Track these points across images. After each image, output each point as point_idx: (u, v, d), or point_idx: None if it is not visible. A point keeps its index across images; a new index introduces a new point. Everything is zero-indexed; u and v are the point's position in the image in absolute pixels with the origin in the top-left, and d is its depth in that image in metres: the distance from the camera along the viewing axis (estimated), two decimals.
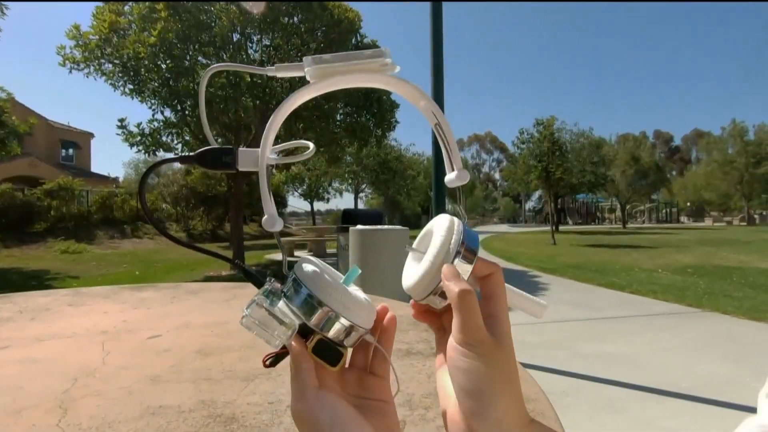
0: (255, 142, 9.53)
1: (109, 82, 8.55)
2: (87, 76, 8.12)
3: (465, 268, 0.28)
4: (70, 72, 8.05)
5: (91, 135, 27.02)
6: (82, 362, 0.74)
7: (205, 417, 0.54)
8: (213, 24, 8.19)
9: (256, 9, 7.82)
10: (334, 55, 0.32)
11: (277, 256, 12.08)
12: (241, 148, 0.35)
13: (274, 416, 0.54)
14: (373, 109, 9.64)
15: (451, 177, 0.34)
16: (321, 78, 0.32)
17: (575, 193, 29.84)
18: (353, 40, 9.36)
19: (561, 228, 27.89)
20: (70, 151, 25.28)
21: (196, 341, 0.85)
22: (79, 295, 1.31)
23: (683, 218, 44.09)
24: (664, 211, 43.38)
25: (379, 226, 4.96)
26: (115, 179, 27.56)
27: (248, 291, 1.42)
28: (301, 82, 9.82)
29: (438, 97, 4.55)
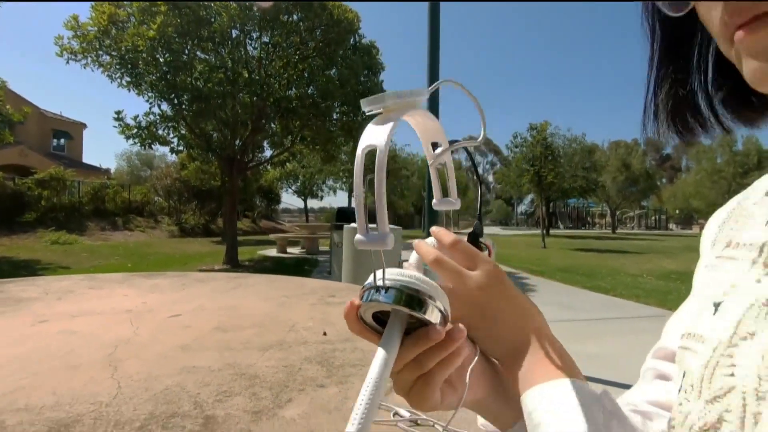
0: (251, 139, 9.58)
1: (106, 73, 8.55)
2: (84, 68, 8.13)
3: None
4: (68, 63, 8.04)
5: (84, 125, 26.75)
6: (116, 334, 0.84)
7: (232, 374, 0.65)
8: (213, 20, 8.24)
9: (263, 5, 7.88)
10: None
11: (269, 251, 12.14)
12: None
13: (289, 376, 0.65)
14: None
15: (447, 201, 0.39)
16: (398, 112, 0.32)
17: (567, 198, 30.19)
18: (352, 39, 9.46)
19: (552, 232, 28.21)
20: (62, 141, 25.01)
21: (212, 320, 0.96)
22: (95, 280, 1.41)
23: (672, 225, 44.81)
24: (653, 217, 44.03)
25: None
26: (107, 171, 27.28)
27: (250, 281, 1.52)
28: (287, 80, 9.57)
29: (434, 97, 4.65)
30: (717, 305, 0.31)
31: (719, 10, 0.26)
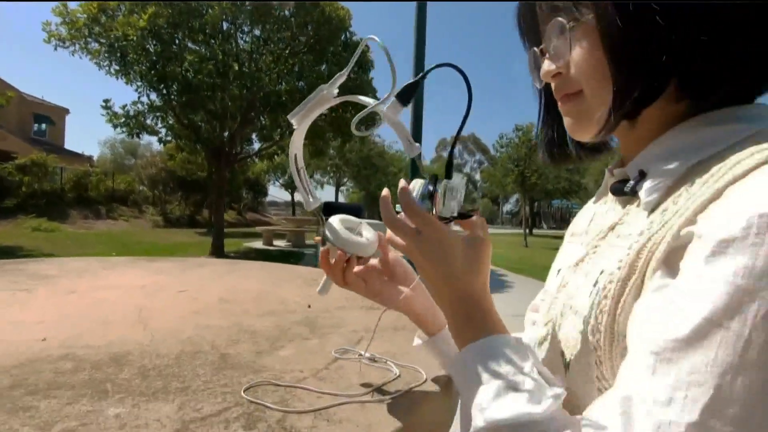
0: (239, 131, 9.63)
1: (95, 61, 8.50)
2: (72, 54, 8.09)
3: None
4: (56, 49, 8.01)
5: (66, 111, 26.19)
6: (137, 303, 1.03)
7: (237, 330, 0.85)
8: (204, 12, 8.27)
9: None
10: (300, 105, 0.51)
11: (255, 244, 12.22)
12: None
13: (282, 332, 0.85)
14: (359, 106, 9.90)
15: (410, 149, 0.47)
16: (302, 120, 0.52)
17: (550, 198, 30.80)
18: (342, 37, 9.57)
19: (535, 232, 28.77)
20: (43, 126, 24.43)
21: (215, 294, 1.15)
22: (105, 262, 1.58)
23: None
24: None
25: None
26: (90, 158, 26.76)
27: (244, 266, 1.71)
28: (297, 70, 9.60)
29: (419, 95, 4.77)
30: (558, 271, 0.53)
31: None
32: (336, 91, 0.51)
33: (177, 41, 8.55)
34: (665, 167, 0.38)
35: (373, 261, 0.58)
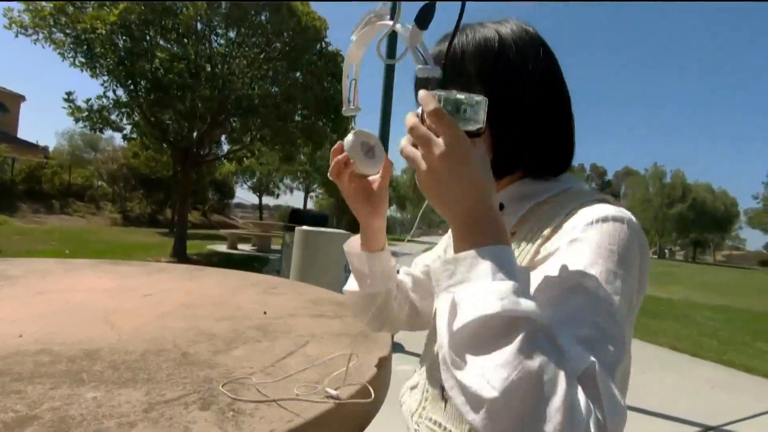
0: (209, 133, 9.50)
1: (58, 51, 8.23)
2: (35, 43, 7.81)
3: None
4: (17, 36, 7.70)
5: (22, 98, 24.82)
6: (104, 305, 1.12)
7: (197, 333, 0.96)
8: (178, 11, 8.20)
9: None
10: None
11: (219, 247, 12.00)
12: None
13: (237, 335, 0.97)
14: (331, 114, 10.00)
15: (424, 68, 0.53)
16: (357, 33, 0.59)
17: None
18: (318, 46, 9.71)
19: None
20: None
21: (178, 300, 1.25)
22: (68, 264, 1.64)
23: None
24: None
25: (323, 229, 5.30)
26: (45, 148, 25.39)
27: (206, 272, 1.80)
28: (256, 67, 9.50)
29: (387, 96, 4.65)
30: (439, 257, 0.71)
31: None
32: (387, 17, 0.56)
33: (148, 38, 8.42)
34: (517, 204, 0.62)
35: (373, 177, 0.68)
